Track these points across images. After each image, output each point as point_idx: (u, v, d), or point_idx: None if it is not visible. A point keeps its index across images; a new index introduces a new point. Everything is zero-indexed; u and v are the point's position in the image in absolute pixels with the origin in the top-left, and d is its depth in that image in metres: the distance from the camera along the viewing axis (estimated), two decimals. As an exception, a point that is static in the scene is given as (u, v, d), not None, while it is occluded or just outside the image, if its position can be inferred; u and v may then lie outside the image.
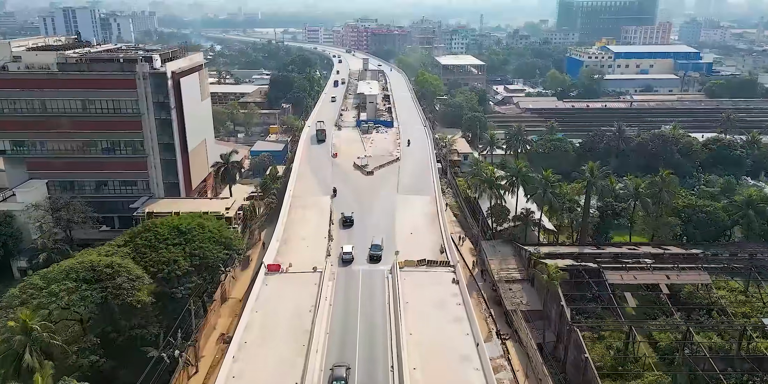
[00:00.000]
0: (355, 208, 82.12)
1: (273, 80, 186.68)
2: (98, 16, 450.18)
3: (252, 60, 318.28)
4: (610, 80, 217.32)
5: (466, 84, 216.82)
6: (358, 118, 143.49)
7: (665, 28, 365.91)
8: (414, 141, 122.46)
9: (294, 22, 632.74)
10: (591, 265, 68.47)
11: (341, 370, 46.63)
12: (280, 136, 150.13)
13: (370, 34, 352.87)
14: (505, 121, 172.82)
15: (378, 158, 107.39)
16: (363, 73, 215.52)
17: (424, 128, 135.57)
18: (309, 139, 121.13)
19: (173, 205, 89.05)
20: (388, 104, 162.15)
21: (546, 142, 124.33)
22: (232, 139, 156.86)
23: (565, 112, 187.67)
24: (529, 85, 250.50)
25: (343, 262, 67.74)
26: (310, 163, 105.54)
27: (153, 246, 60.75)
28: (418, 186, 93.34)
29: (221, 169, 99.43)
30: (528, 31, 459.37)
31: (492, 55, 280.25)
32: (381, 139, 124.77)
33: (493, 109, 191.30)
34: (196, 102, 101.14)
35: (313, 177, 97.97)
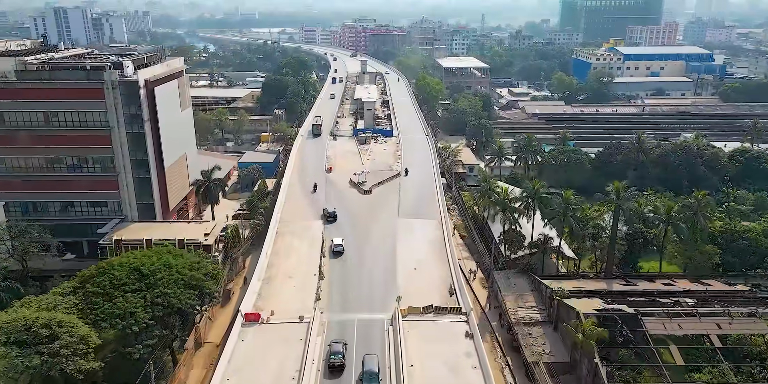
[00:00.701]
0: (351, 235, 72.23)
1: (265, 84, 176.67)
2: (90, 16, 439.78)
3: (246, 61, 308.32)
4: (620, 83, 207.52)
5: (469, 87, 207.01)
6: (355, 126, 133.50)
7: (672, 28, 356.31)
8: (415, 153, 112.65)
9: (291, 22, 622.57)
10: (626, 309, 58.47)
11: (338, 345, 49.05)
12: (272, 145, 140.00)
13: (368, 34, 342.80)
14: (510, 127, 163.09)
15: (376, 174, 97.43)
16: (361, 76, 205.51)
17: (426, 138, 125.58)
18: (300, 152, 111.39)
19: (145, 231, 79.02)
20: (387, 111, 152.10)
21: (559, 153, 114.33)
22: (220, 148, 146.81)
23: (573, 117, 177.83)
24: (534, 87, 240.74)
25: (334, 253, 68.67)
26: (301, 180, 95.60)
27: (107, 294, 50.73)
28: (422, 207, 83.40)
29: (202, 188, 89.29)
30: (529, 31, 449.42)
31: (495, 56, 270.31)
32: (380, 150, 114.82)
33: (498, 114, 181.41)
34: (175, 112, 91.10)
35: (304, 197, 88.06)
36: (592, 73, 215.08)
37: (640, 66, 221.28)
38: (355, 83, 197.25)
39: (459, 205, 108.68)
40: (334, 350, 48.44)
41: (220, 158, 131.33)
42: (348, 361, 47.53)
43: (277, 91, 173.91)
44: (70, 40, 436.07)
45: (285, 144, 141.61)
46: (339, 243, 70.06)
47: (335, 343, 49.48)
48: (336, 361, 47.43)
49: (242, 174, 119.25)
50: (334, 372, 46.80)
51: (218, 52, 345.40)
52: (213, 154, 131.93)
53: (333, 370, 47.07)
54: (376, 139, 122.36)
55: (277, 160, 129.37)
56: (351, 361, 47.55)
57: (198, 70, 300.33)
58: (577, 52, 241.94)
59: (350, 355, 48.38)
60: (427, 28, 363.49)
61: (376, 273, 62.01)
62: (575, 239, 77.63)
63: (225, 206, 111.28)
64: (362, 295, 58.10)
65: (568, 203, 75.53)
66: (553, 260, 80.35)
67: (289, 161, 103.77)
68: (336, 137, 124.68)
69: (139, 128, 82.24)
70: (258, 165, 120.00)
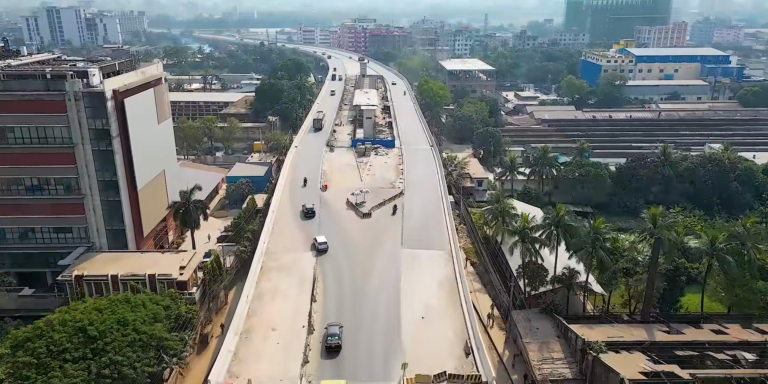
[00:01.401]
0: (347, 273, 62.27)
1: (259, 89, 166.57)
2: (84, 17, 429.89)
3: (242, 63, 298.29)
4: (633, 87, 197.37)
5: (474, 91, 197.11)
6: (354, 135, 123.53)
7: (681, 28, 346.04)
8: (419, 167, 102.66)
9: (290, 22, 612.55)
10: (679, 374, 48.39)
11: (335, 327, 50.76)
12: (264, 155, 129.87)
13: (368, 35, 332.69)
14: (519, 135, 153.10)
15: (377, 192, 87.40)
16: (360, 79, 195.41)
17: (431, 149, 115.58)
18: (293, 167, 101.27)
19: (113, 263, 69.11)
20: (388, 118, 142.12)
21: (577, 167, 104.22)
22: (209, 158, 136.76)
23: (585, 124, 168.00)
24: (541, 91, 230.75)
25: (318, 251, 68.04)
26: (293, 200, 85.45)
27: (42, 365, 40.80)
28: (429, 234, 73.37)
29: (180, 211, 79.25)
30: (532, 31, 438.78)
31: (500, 57, 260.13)
32: (380, 164, 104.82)
33: (505, 120, 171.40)
34: (150, 126, 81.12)
35: (294, 221, 78.07)
36: (603, 76, 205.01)
37: (653, 68, 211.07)
38: (354, 87, 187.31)
39: (468, 225, 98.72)
40: (330, 333, 50.61)
41: (208, 170, 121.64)
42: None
43: (272, 96, 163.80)
44: (63, 40, 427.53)
45: (278, 154, 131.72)
46: (323, 241, 69.49)
47: (332, 326, 51.77)
48: (333, 342, 49.56)
49: (230, 189, 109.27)
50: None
51: (213, 54, 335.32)
52: (199, 167, 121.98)
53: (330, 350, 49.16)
54: (377, 151, 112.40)
55: (269, 172, 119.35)
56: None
57: (192, 72, 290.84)
58: (585, 54, 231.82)
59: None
60: (429, 29, 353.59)
61: (377, 326, 51.94)
62: (604, 272, 67.61)
63: (211, 225, 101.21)
64: (360, 357, 48.08)
65: (598, 233, 65.55)
66: (579, 296, 70.37)
67: (279, 178, 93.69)
68: (333, 148, 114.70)
69: (107, 145, 72.40)
70: (248, 179, 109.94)
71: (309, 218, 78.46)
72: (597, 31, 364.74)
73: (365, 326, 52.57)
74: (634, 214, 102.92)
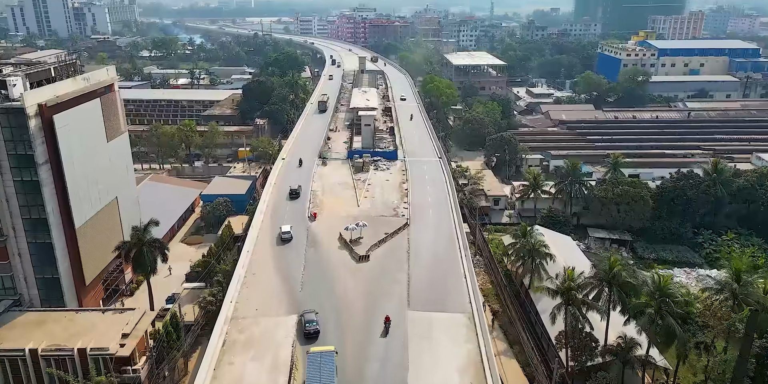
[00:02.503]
0: (337, 347, 46.52)
1: (247, 87, 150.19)
2: (71, 6, 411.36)
3: (234, 56, 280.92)
4: (656, 83, 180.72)
5: (483, 88, 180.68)
6: (351, 144, 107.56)
7: (697, 17, 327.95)
8: (427, 186, 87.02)
9: (289, 11, 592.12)
10: None
11: (311, 314, 50.63)
12: (248, 166, 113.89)
13: (368, 25, 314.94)
14: (535, 139, 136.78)
15: (376, 222, 71.79)
16: (359, 76, 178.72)
17: (439, 161, 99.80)
18: (278, 188, 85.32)
19: (36, 329, 53.93)
20: (390, 122, 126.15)
21: (613, 185, 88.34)
22: (186, 168, 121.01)
23: (607, 125, 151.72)
24: (554, 86, 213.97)
25: (282, 240, 67.39)
26: (274, 233, 69.82)
27: None
28: (443, 287, 57.85)
29: (132, 253, 63.58)
30: (538, 20, 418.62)
31: (508, 50, 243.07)
32: (381, 181, 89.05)
33: (519, 121, 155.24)
34: (95, 145, 65.38)
35: (273, 263, 62.45)
36: (623, 71, 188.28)
37: (676, 62, 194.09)
38: (352, 84, 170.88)
39: (484, 256, 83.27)
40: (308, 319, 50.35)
41: (183, 185, 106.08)
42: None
43: (261, 95, 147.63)
44: (50, 31, 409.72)
45: (266, 163, 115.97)
46: (287, 230, 68.75)
47: (308, 313, 51.23)
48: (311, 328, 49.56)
49: (206, 211, 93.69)
50: None
51: (204, 46, 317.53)
52: (173, 181, 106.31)
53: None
54: (377, 165, 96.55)
55: (252, 188, 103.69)
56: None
57: (181, 65, 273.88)
58: (602, 47, 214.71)
59: None
60: (432, 19, 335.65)
61: None
62: (671, 343, 52.17)
63: (181, 254, 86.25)
64: None
65: (665, 294, 50.04)
66: (638, 373, 54.96)
67: (260, 204, 77.86)
68: (326, 161, 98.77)
69: (32, 174, 56.76)
70: (226, 199, 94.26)
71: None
72: (609, 21, 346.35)
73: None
74: (679, 241, 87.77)
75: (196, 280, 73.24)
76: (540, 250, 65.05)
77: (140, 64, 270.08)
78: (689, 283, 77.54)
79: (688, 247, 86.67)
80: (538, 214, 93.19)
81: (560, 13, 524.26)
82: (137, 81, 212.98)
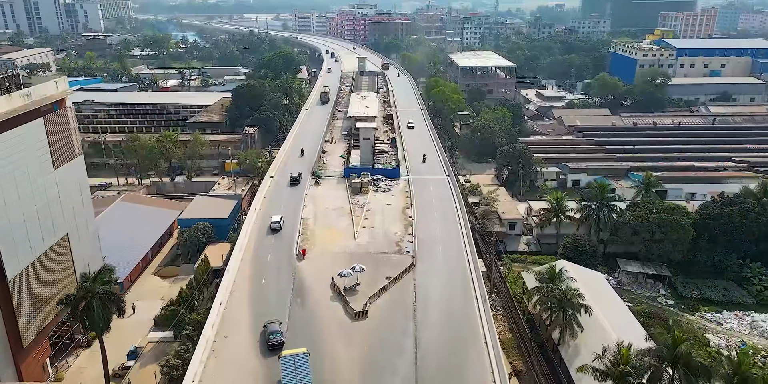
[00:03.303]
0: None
1: (236, 91, 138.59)
2: (62, 2, 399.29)
3: (228, 54, 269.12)
4: (675, 85, 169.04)
5: (490, 91, 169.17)
6: (348, 160, 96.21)
7: (710, 14, 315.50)
8: (435, 212, 75.85)
9: (288, 7, 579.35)
10: None
11: (275, 325, 48.68)
12: (233, 183, 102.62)
13: (368, 22, 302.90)
14: (549, 148, 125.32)
15: (377, 261, 60.87)
16: (357, 78, 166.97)
17: (447, 179, 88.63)
18: (262, 216, 74.08)
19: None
20: (391, 132, 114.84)
21: (648, 211, 76.96)
22: (167, 184, 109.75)
23: (626, 132, 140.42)
24: (564, 88, 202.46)
25: (272, 230, 68.60)
26: (255, 278, 58.76)
27: None
28: (458, 357, 46.71)
29: (80, 307, 52.32)
30: (543, 17, 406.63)
31: (515, 49, 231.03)
32: (382, 206, 77.88)
33: (530, 127, 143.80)
34: (37, 176, 54.12)
35: (250, 322, 51.34)
36: (639, 72, 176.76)
37: (696, 63, 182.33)
38: (350, 87, 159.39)
39: (502, 296, 72.20)
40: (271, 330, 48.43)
41: (159, 205, 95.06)
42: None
43: (252, 101, 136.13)
44: (41, 28, 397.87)
45: (254, 178, 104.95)
46: (277, 220, 70.18)
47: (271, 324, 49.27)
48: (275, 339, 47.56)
49: (183, 238, 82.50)
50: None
51: (198, 44, 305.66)
52: (148, 201, 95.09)
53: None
54: (377, 185, 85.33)
55: (238, 208, 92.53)
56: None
57: (173, 64, 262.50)
58: (616, 46, 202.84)
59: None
60: (434, 15, 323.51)
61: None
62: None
63: (152, 291, 75.57)
64: None
65: (745, 378, 38.91)
66: None
67: (240, 237, 66.67)
68: (319, 181, 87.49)
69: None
70: (206, 224, 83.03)
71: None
72: (618, 18, 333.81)
73: None
74: (723, 275, 76.61)
75: (166, 323, 62.51)
76: (573, 302, 53.98)
77: (130, 63, 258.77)
78: (742, 330, 66.47)
79: (734, 282, 75.56)
80: (560, 241, 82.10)
81: (565, 10, 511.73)
82: (124, 82, 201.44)
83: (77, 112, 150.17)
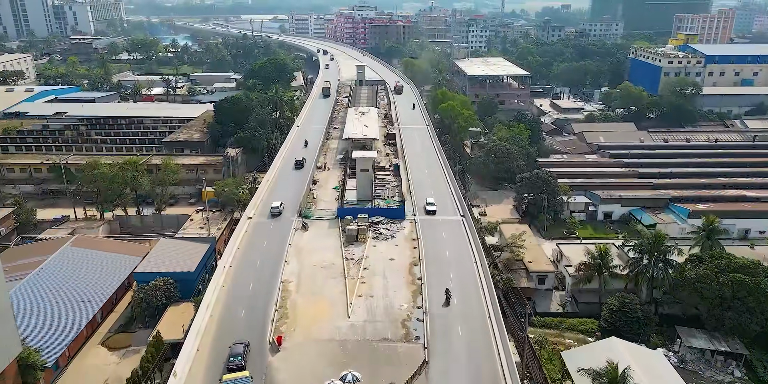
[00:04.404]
0: None
1: (219, 107, 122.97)
2: (51, 4, 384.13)
3: (220, 59, 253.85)
4: (705, 96, 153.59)
5: (502, 102, 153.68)
6: (342, 197, 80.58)
7: (727, 16, 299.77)
8: (451, 269, 60.48)
9: (287, 8, 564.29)
10: None
11: (239, 347, 46.80)
12: (208, 223, 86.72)
13: (368, 25, 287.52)
14: (572, 172, 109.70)
15: (376, 356, 45.75)
16: (355, 89, 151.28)
17: (462, 221, 73.27)
18: (233, 278, 58.81)
19: None
20: (394, 157, 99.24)
21: (714, 270, 61.27)
22: (133, 218, 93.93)
23: (657, 151, 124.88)
24: (580, 97, 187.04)
25: (272, 215, 72.22)
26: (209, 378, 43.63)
27: None
28: None
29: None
30: (549, 18, 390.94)
31: (526, 54, 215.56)
32: (383, 261, 62.58)
33: (549, 145, 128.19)
34: None
35: None
36: (665, 81, 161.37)
37: (726, 71, 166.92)
38: (348, 98, 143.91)
39: (533, 376, 56.69)
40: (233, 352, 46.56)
41: (116, 250, 79.08)
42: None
43: (237, 116, 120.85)
44: (28, 30, 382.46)
45: (235, 211, 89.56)
46: (277, 205, 73.98)
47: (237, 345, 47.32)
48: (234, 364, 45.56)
49: (138, 298, 66.87)
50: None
51: (189, 48, 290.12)
52: (103, 244, 79.17)
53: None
54: (377, 230, 70.01)
55: (209, 255, 76.79)
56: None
57: (162, 69, 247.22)
58: (636, 51, 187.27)
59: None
60: (438, 18, 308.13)
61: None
62: None
63: (94, 369, 60.23)
64: None
65: None
66: None
67: (196, 318, 51.30)
68: (306, 225, 72.00)
69: None
70: (169, 278, 67.50)
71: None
72: (630, 20, 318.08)
73: None
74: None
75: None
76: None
77: (117, 68, 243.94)
78: None
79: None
80: (602, 299, 66.62)
81: (571, 11, 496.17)
82: (105, 91, 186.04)
83: (42, 129, 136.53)
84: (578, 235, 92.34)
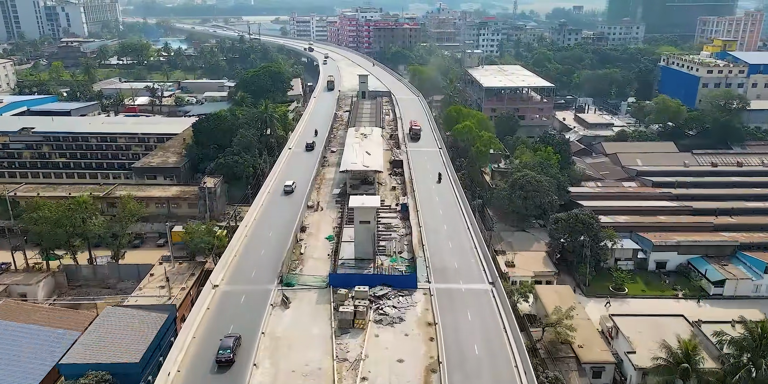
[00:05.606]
0: None
1: (199, 125, 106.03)
2: (42, 5, 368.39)
3: (214, 64, 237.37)
4: (752, 111, 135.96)
5: (522, 117, 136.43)
6: (336, 255, 63.43)
7: (755, 19, 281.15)
8: (483, 367, 43.47)
9: (289, 10, 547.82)
10: None
11: (229, 340, 45.81)
12: (168, 284, 69.63)
13: (372, 28, 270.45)
14: (608, 206, 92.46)
15: None
16: (357, 103, 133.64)
17: (492, 290, 56.25)
18: None
19: None
20: (402, 195, 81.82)
21: None
22: (84, 269, 76.98)
23: (706, 178, 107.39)
24: (606, 109, 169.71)
25: (285, 193, 76.97)
26: None
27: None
28: None
29: None
30: (561, 20, 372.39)
31: (543, 60, 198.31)
32: (388, 364, 45.64)
33: (580, 171, 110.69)
34: None
35: None
36: (704, 93, 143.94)
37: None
38: (349, 113, 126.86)
39: None
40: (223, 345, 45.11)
41: (51, 321, 62.42)
42: None
43: (219, 137, 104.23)
44: (19, 32, 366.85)
45: (206, 263, 72.74)
46: (290, 184, 78.78)
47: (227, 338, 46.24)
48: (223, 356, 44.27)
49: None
50: None
51: (183, 52, 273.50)
52: (32, 316, 62.21)
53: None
54: (381, 309, 52.97)
55: (166, 330, 59.72)
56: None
57: (153, 75, 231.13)
58: (668, 59, 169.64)
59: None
60: (446, 20, 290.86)
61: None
62: None
63: None
64: None
65: None
66: None
67: None
68: (288, 300, 54.90)
69: None
70: (106, 372, 50.64)
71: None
72: (651, 23, 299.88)
73: None
74: None
75: None
76: None
77: (104, 74, 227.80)
78: None
79: None
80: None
81: (583, 12, 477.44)
82: (84, 101, 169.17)
83: (1, 148, 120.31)
84: (627, 293, 75.39)
